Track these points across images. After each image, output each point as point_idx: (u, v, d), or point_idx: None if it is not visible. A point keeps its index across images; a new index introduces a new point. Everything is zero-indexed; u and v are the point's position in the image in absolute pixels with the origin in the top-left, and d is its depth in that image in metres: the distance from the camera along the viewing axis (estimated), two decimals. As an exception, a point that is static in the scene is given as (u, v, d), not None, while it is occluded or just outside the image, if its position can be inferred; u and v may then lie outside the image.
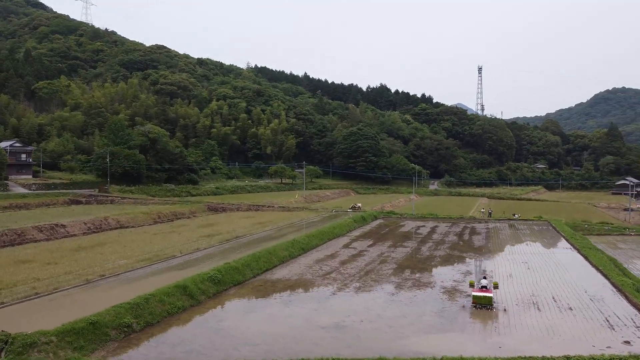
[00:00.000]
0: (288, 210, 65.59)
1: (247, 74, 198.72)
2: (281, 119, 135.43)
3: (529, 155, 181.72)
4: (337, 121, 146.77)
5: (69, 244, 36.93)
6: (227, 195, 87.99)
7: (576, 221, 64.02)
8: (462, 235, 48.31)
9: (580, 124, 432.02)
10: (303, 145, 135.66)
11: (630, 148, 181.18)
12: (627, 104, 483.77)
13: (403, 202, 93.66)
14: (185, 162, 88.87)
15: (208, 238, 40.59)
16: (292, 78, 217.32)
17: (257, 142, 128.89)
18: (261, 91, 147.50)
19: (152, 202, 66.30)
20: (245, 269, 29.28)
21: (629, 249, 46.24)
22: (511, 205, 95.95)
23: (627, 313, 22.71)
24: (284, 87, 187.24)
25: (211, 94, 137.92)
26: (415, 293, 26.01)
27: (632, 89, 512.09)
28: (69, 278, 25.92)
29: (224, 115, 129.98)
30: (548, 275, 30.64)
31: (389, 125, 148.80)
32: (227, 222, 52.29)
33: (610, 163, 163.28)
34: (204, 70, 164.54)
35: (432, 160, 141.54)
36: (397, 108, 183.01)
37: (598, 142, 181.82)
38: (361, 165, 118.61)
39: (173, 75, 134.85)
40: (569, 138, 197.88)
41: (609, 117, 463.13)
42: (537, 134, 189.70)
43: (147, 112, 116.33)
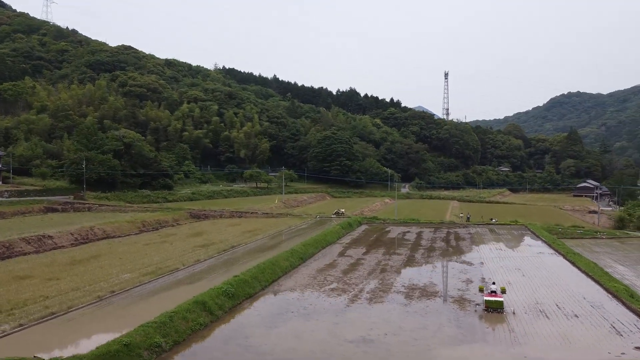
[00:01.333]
0: (272, 216, 65.51)
1: (216, 75, 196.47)
2: (254, 122, 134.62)
3: (493, 159, 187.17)
4: (310, 125, 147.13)
5: (62, 257, 35.90)
6: (204, 200, 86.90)
7: (550, 225, 66.66)
8: (449, 241, 49.57)
9: (537, 127, 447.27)
10: (276, 148, 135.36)
11: (589, 152, 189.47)
12: (581, 108, 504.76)
13: (379, 206, 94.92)
14: (160, 167, 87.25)
15: (203, 248, 40.22)
16: (262, 80, 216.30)
17: (230, 146, 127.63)
18: (233, 94, 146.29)
19: (132, 210, 64.86)
20: (254, 281, 29.30)
21: (604, 252, 48.29)
22: (482, 208, 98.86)
23: (629, 319, 24.07)
24: (253, 89, 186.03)
25: (182, 96, 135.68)
26: (426, 303, 26.69)
27: (587, 93, 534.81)
28: (79, 295, 25.31)
29: (196, 118, 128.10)
30: (544, 281, 31.97)
31: (360, 129, 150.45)
32: (216, 230, 51.84)
33: (570, 166, 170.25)
34: (172, 72, 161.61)
35: (403, 163, 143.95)
36: (367, 112, 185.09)
37: (559, 145, 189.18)
38: (336, 169, 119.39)
39: (142, 76, 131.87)
40: (530, 142, 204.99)
41: (564, 121, 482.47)
42: (501, 138, 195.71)
43: (116, 114, 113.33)
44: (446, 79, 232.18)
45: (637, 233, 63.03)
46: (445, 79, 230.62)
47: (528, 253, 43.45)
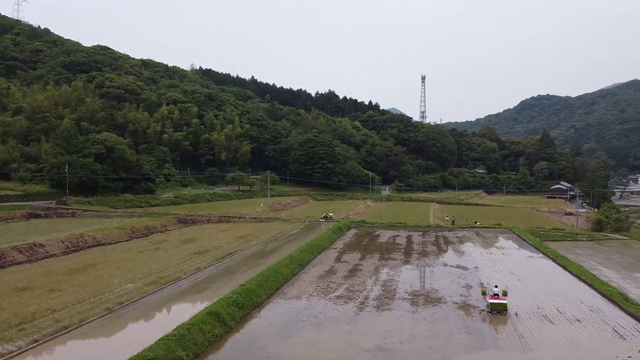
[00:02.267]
0: (261, 221, 65.37)
1: (193, 76, 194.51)
2: (235, 125, 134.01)
3: (469, 161, 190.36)
4: (290, 127, 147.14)
5: (57, 266, 35.19)
6: (188, 204, 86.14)
7: (532, 227, 68.45)
8: (439, 245, 50.43)
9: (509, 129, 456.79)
10: (257, 151, 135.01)
11: (561, 154, 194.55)
12: (551, 110, 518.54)
13: (363, 208, 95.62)
14: (142, 170, 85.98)
15: (200, 256, 39.98)
16: (240, 81, 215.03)
17: (211, 148, 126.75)
18: (212, 95, 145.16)
19: (117, 215, 63.84)
20: (260, 290, 29.32)
21: (587, 255, 49.82)
22: (463, 210, 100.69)
23: (628, 323, 25.04)
24: (231, 90, 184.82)
25: (160, 97, 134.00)
26: (433, 310, 27.20)
27: (556, 96, 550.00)
28: (87, 307, 24.94)
29: (175, 120, 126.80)
30: (540, 286, 32.89)
31: (341, 131, 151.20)
32: (207, 236, 51.48)
33: (544, 168, 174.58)
34: (150, 73, 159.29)
35: (383, 166, 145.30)
36: (346, 114, 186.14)
37: (532, 148, 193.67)
38: (318, 172, 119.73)
39: (119, 78, 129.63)
40: (504, 144, 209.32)
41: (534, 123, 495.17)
42: (476, 141, 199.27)
43: (93, 116, 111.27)
44: (423, 83, 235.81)
45: (614, 235, 65.27)
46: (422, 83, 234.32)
47: (518, 257, 44.56)
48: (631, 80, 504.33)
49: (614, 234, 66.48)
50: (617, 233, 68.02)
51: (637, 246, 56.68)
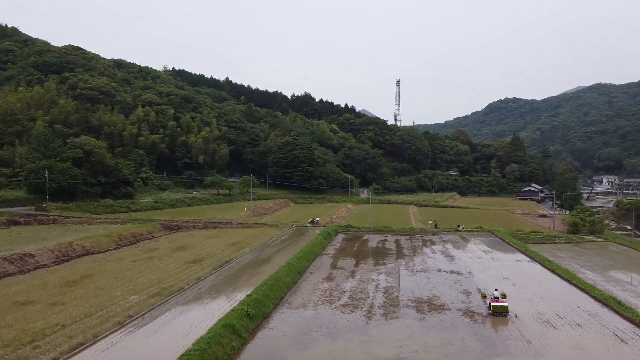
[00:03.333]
0: (248, 226, 65.10)
1: (166, 77, 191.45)
2: (212, 127, 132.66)
3: (442, 163, 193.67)
4: (269, 130, 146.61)
5: (52, 278, 34.39)
6: (168, 209, 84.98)
7: (512, 230, 70.38)
8: (429, 250, 51.29)
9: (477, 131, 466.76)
10: (235, 154, 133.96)
11: (531, 156, 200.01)
12: (517, 113, 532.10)
13: (344, 212, 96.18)
14: (122, 175, 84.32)
15: (196, 265, 39.69)
16: (214, 82, 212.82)
17: (188, 151, 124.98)
18: (189, 97, 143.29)
19: (99, 222, 62.49)
20: (267, 300, 29.39)
21: (569, 258, 51.56)
22: (441, 213, 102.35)
23: (626, 327, 26.21)
24: (206, 91, 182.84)
25: (135, 99, 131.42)
26: (439, 318, 27.81)
27: (522, 99, 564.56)
28: (97, 322, 24.55)
29: (151, 123, 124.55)
30: (535, 291, 33.94)
31: (319, 134, 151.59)
32: (197, 243, 51.02)
33: (515, 171, 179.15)
34: (124, 74, 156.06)
35: (360, 169, 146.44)
36: (322, 117, 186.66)
37: (503, 151, 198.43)
38: (298, 175, 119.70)
39: (93, 79, 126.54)
40: (476, 147, 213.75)
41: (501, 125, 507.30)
42: (449, 144, 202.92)
43: (67, 118, 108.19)
44: (398, 86, 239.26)
45: (591, 237, 67.73)
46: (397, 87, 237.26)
47: (507, 261, 45.75)
48: (594, 84, 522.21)
49: (590, 236, 68.97)
50: (593, 235, 70.60)
51: (613, 248, 59.09)
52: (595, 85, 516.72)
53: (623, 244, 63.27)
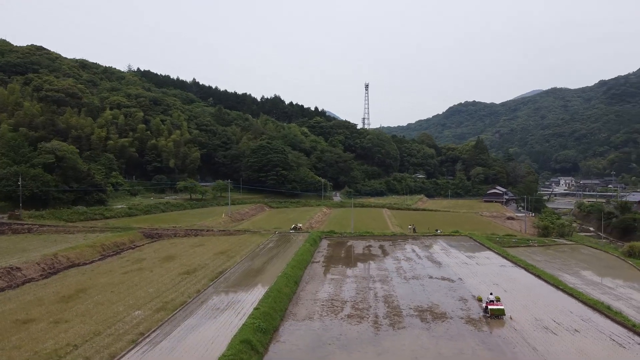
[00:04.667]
0: (230, 234, 64.61)
1: (131, 77, 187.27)
2: (183, 130, 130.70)
3: (409, 166, 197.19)
4: (240, 133, 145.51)
5: (45, 293, 33.37)
6: (143, 216, 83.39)
7: (487, 234, 72.60)
8: (415, 256, 52.33)
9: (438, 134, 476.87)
10: (207, 157, 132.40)
11: (495, 159, 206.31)
12: (477, 116, 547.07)
13: (321, 216, 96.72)
14: (94, 181, 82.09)
15: (190, 276, 39.30)
16: (181, 84, 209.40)
17: (158, 155, 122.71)
18: (158, 100, 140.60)
19: (77, 230, 60.74)
20: (273, 312, 29.51)
21: (545, 261, 53.42)
22: (414, 216, 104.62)
23: (620, 332, 27.67)
24: (173, 93, 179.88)
25: (103, 102, 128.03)
26: (444, 327, 28.62)
27: (482, 103, 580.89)
28: (109, 341, 24.11)
29: (120, 126, 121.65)
30: (526, 297, 35.25)
31: (291, 138, 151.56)
32: (184, 253, 50.36)
33: (479, 173, 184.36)
34: (89, 75, 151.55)
35: (333, 172, 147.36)
36: (293, 120, 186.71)
37: (467, 154, 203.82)
38: (272, 179, 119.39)
39: (59, 80, 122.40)
40: (441, 150, 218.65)
41: (462, 128, 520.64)
42: (416, 147, 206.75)
43: (32, 121, 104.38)
44: (367, 90, 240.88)
45: (561, 240, 70.57)
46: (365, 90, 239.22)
47: (491, 266, 47.23)
48: (551, 89, 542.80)
49: (560, 239, 71.91)
50: (563, 238, 73.67)
51: (584, 251, 61.64)
52: (552, 90, 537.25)
53: (593, 246, 66.10)
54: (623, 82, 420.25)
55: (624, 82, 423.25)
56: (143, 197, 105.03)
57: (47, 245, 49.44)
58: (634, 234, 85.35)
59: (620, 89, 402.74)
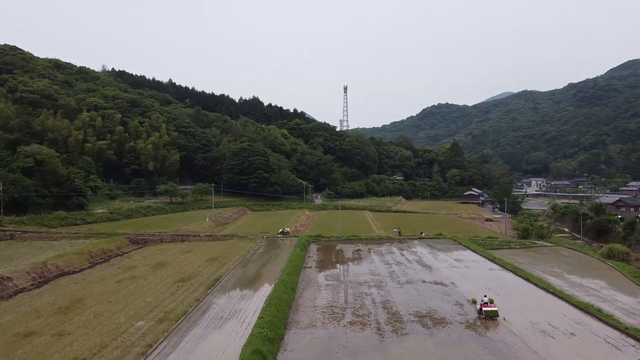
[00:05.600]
0: (217, 239, 64.22)
1: (106, 78, 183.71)
2: (162, 132, 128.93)
3: (387, 168, 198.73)
4: (220, 135, 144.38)
5: (40, 304, 32.73)
6: (125, 220, 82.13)
7: (470, 236, 73.93)
8: (405, 260, 53.08)
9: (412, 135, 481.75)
10: (186, 160, 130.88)
11: (470, 161, 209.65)
12: (450, 118, 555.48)
13: (304, 219, 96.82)
14: (74, 185, 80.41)
15: (186, 284, 39.08)
16: (157, 84, 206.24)
17: (136, 157, 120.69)
18: (136, 101, 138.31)
19: (61, 236, 59.46)
20: (277, 320, 29.67)
21: (529, 264, 54.75)
22: (396, 218, 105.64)
23: (614, 335, 28.80)
24: (150, 94, 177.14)
25: (80, 103, 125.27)
26: (446, 332, 29.24)
27: (454, 105, 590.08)
28: (117, 354, 23.92)
29: (98, 128, 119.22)
30: (519, 300, 36.19)
31: (272, 140, 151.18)
32: (175, 260, 49.91)
33: (456, 175, 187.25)
34: (64, 76, 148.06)
35: (313, 174, 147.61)
36: (272, 122, 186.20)
37: (443, 156, 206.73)
38: (254, 182, 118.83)
39: (34, 81, 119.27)
40: (418, 152, 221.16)
41: (435, 130, 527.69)
42: (394, 149, 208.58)
43: (7, 124, 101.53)
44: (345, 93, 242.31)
45: (541, 242, 72.50)
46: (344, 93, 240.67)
47: (480, 269, 48.29)
48: (521, 91, 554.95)
49: (540, 241, 73.89)
50: (542, 240, 75.69)
51: (565, 253, 63.54)
52: (522, 92, 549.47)
53: (572, 248, 68.19)
54: (592, 85, 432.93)
55: (592, 85, 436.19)
56: (122, 201, 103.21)
57: (33, 252, 48.34)
58: (608, 235, 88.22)
59: (589, 92, 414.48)
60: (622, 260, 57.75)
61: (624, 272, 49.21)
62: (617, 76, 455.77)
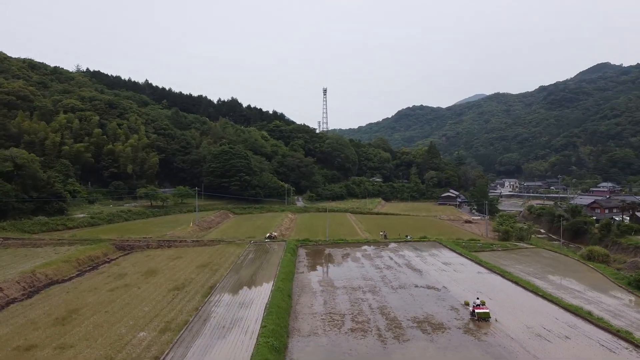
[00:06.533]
0: (205, 244, 63.74)
1: (81, 78, 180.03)
2: (140, 134, 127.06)
3: (367, 170, 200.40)
4: (200, 137, 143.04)
5: (36, 314, 32.14)
6: (106, 225, 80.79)
7: (453, 239, 75.28)
8: (394, 264, 53.78)
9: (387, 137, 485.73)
10: (165, 162, 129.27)
11: (447, 163, 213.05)
12: (424, 120, 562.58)
13: (288, 222, 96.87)
14: (54, 189, 78.67)
15: (181, 292, 38.86)
16: (133, 85, 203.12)
17: (114, 160, 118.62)
18: (114, 103, 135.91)
19: (44, 243, 58.15)
20: (279, 329, 29.84)
21: (512, 266, 56.14)
22: (378, 221, 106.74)
23: (606, 337, 29.88)
24: (126, 95, 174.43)
25: (56, 105, 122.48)
26: (446, 338, 29.82)
27: (429, 107, 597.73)
28: (126, 367, 23.72)
29: (75, 130, 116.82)
30: (511, 304, 37.18)
31: (252, 142, 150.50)
32: (165, 267, 49.41)
33: (433, 177, 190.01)
34: (39, 76, 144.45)
35: (294, 177, 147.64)
36: (251, 123, 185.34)
37: (421, 158, 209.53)
38: (235, 185, 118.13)
39: (9, 82, 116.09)
40: (396, 154, 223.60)
41: (410, 131, 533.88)
42: (372, 151, 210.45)
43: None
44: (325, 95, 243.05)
45: (522, 244, 74.24)
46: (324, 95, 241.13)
47: (468, 273, 49.23)
48: (494, 94, 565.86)
49: (521, 243, 75.73)
50: (522, 241, 77.61)
51: (545, 254, 65.14)
52: (495, 95, 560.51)
53: (552, 249, 70.02)
54: (562, 88, 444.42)
55: (562, 88, 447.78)
56: (101, 205, 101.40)
57: (19, 260, 47.20)
58: (584, 236, 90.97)
59: (560, 95, 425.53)
60: (602, 262, 59.62)
61: (605, 274, 50.93)
62: (586, 79, 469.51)
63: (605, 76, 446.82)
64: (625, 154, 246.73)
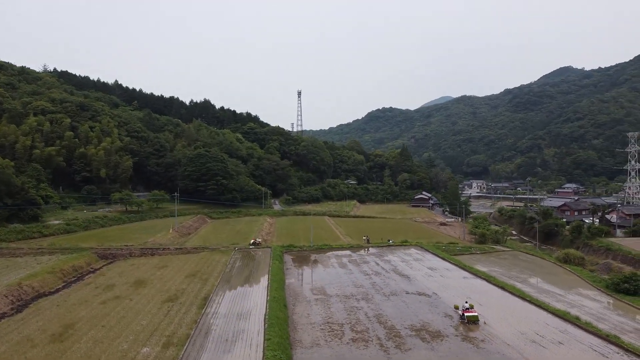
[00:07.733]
0: (188, 252, 63.10)
1: (48, 79, 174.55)
2: (113, 137, 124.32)
3: (341, 173, 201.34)
4: (174, 140, 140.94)
5: (30, 331, 31.41)
6: (82, 232, 78.95)
7: (432, 242, 76.82)
8: (382, 269, 54.56)
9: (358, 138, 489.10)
10: (138, 166, 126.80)
11: (419, 166, 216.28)
12: (394, 122, 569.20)
13: (267, 227, 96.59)
14: (29, 196, 76.38)
15: (175, 304, 38.54)
16: (103, 86, 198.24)
17: (87, 164, 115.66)
18: (85, 105, 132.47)
19: (24, 252, 56.52)
20: (283, 341, 30.03)
21: (492, 270, 57.74)
22: (356, 224, 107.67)
23: (597, 342, 31.18)
24: (95, 96, 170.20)
25: (26, 107, 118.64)
26: (446, 346, 30.56)
27: (398, 109, 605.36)
28: (136, 385, 23.50)
29: (46, 133, 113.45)
30: (501, 310, 38.30)
31: (227, 145, 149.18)
32: (153, 277, 48.75)
33: (406, 179, 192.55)
34: (7, 77, 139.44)
35: (271, 180, 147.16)
36: (225, 125, 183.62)
37: (394, 160, 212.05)
38: (212, 189, 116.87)
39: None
40: (370, 157, 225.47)
41: (380, 133, 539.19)
42: (347, 154, 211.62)
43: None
44: (299, 97, 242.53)
45: (499, 247, 76.34)
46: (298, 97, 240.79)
47: (455, 278, 50.39)
48: (461, 96, 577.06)
49: (497, 246, 77.84)
50: (499, 244, 79.77)
51: (523, 257, 67.13)
52: (462, 97, 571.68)
53: (528, 252, 72.14)
54: (527, 92, 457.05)
55: (527, 91, 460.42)
56: (75, 210, 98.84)
57: (1, 272, 45.74)
58: (556, 238, 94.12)
59: (524, 98, 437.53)
60: (577, 264, 61.86)
61: (582, 277, 53.05)
62: (549, 82, 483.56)
63: (568, 80, 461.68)
64: (589, 156, 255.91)
